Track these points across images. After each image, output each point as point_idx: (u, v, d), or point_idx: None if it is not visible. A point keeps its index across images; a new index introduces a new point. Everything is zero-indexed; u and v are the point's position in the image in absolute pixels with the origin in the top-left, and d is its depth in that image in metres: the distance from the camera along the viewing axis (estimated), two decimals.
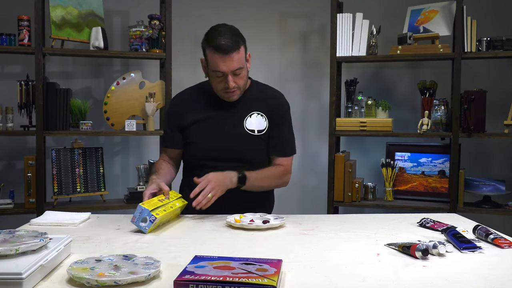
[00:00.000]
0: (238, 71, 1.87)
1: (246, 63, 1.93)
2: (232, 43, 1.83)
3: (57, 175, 3.00)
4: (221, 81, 1.89)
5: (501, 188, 3.09)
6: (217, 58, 1.84)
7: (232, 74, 1.86)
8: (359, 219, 1.90)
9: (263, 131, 1.99)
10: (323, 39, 3.59)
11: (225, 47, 1.82)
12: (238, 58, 1.85)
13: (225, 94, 1.92)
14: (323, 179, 3.36)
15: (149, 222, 1.61)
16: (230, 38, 1.84)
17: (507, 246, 1.46)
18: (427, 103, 3.14)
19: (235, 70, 1.86)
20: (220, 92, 1.92)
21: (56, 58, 3.33)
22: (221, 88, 1.90)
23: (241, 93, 1.96)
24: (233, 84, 1.87)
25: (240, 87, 1.92)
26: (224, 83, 1.88)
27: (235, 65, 1.85)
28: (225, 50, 1.82)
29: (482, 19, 3.09)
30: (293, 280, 1.16)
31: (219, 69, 1.85)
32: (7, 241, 1.19)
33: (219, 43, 1.82)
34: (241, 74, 1.89)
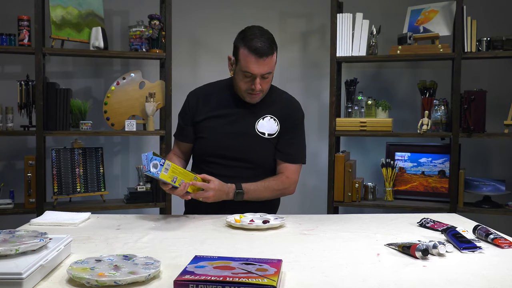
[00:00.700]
0: (267, 75, 1.89)
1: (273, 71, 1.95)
2: (268, 47, 1.85)
3: (57, 175, 3.00)
4: (248, 82, 1.89)
5: (501, 188, 3.09)
6: (251, 59, 1.84)
7: (260, 77, 1.87)
8: (359, 219, 1.90)
9: (273, 135, 1.99)
10: (323, 39, 3.59)
11: (261, 50, 1.83)
12: (270, 63, 1.87)
13: (247, 95, 1.93)
14: (323, 179, 3.36)
15: (159, 166, 1.60)
16: (267, 41, 1.85)
17: (507, 246, 1.46)
18: (427, 103, 3.14)
19: (265, 74, 1.87)
20: (244, 92, 1.93)
21: (56, 58, 3.33)
22: (246, 89, 1.91)
23: (263, 96, 1.97)
24: (259, 87, 1.88)
25: (264, 90, 1.93)
26: (251, 84, 1.89)
27: (266, 69, 1.87)
28: (261, 53, 1.83)
29: (482, 19, 3.09)
30: (293, 280, 1.16)
31: (250, 71, 1.85)
32: (7, 241, 1.19)
33: (256, 45, 1.83)
34: (269, 78, 1.92)
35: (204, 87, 2.12)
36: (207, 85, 2.13)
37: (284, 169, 2.01)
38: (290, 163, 2.01)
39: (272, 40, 1.90)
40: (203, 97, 2.04)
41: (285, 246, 1.47)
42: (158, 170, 1.60)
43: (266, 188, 1.95)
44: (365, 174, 3.49)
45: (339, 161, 3.19)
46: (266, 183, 1.95)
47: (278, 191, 1.99)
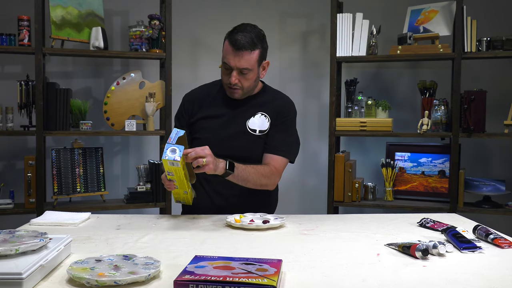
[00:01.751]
0: (245, 71, 1.88)
1: (258, 68, 1.93)
2: (247, 43, 1.85)
3: (57, 175, 3.00)
4: (227, 75, 1.91)
5: (501, 188, 3.09)
6: (229, 50, 1.87)
7: (238, 71, 1.88)
8: (359, 219, 1.90)
9: (264, 132, 1.99)
10: (323, 39, 3.59)
11: (239, 43, 1.84)
12: (248, 59, 1.86)
13: (227, 89, 1.95)
14: (323, 179, 3.36)
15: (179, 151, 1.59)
16: (249, 37, 1.86)
17: (507, 246, 1.46)
18: (427, 103, 3.14)
19: (242, 69, 1.87)
20: (225, 86, 1.96)
21: (56, 58, 3.33)
22: (226, 82, 1.93)
23: (244, 95, 1.96)
24: (235, 80, 1.89)
25: (243, 88, 1.92)
26: (229, 77, 1.90)
27: (242, 64, 1.86)
28: (238, 46, 1.84)
29: (482, 19, 3.09)
30: (293, 280, 1.16)
31: (227, 61, 1.88)
32: (7, 241, 1.19)
33: (236, 38, 1.85)
34: (248, 76, 1.90)
35: (198, 88, 2.13)
36: (202, 86, 2.14)
37: (270, 159, 1.96)
38: (276, 155, 1.97)
39: (258, 38, 1.89)
40: (198, 98, 2.05)
41: (285, 246, 1.47)
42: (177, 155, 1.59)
43: (255, 171, 1.89)
44: (365, 174, 3.49)
45: (339, 161, 3.19)
46: (255, 167, 1.91)
47: (265, 177, 1.92)
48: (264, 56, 1.95)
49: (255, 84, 1.98)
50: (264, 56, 1.95)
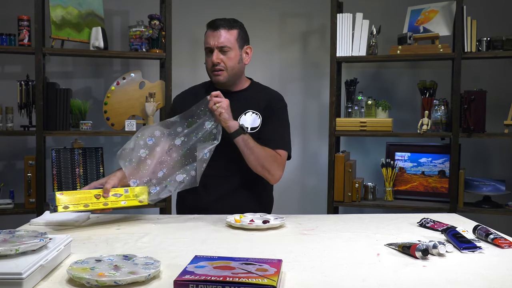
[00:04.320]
0: (226, 49, 1.93)
1: (240, 50, 1.98)
2: (224, 23, 1.94)
3: (57, 175, 3.00)
4: (209, 58, 1.95)
5: (501, 188, 3.09)
6: (208, 33, 1.96)
7: (218, 50, 1.93)
8: (359, 219, 1.90)
9: (256, 129, 1.99)
10: (323, 39, 3.59)
11: (216, 23, 1.94)
12: (227, 37, 1.94)
13: (212, 74, 1.98)
14: (323, 179, 3.36)
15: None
16: (226, 20, 1.96)
17: (507, 246, 1.46)
18: (427, 103, 3.14)
19: (222, 46, 1.93)
20: (210, 72, 1.99)
21: (56, 58, 3.33)
22: (209, 67, 1.97)
23: (229, 78, 1.98)
24: (216, 59, 1.93)
25: (227, 68, 1.96)
26: (211, 60, 1.94)
27: (221, 41, 1.93)
28: (216, 26, 1.93)
29: (482, 19, 3.09)
30: (293, 280, 1.16)
31: (206, 43, 1.94)
32: (7, 241, 1.19)
33: (212, 21, 1.96)
34: (229, 54, 1.95)
35: (188, 90, 2.15)
36: (192, 88, 2.16)
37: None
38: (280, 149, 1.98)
39: (235, 21, 1.99)
40: (188, 99, 2.05)
41: (285, 246, 1.47)
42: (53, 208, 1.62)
43: (265, 149, 1.91)
44: (365, 174, 3.49)
45: (339, 161, 3.19)
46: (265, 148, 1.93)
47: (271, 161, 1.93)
48: (244, 39, 2.02)
49: (239, 67, 2.00)
50: (245, 40, 2.02)
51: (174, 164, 1.84)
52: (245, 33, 2.02)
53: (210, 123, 1.86)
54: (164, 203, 3.11)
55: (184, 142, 1.86)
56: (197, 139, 1.85)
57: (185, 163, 1.85)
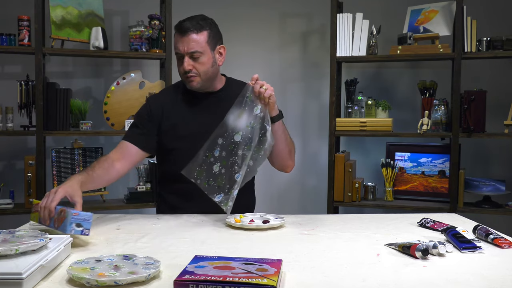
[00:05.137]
0: (197, 54, 1.79)
1: (212, 52, 1.84)
2: (192, 25, 1.79)
3: (57, 175, 3.00)
4: (181, 64, 1.82)
5: (501, 188, 3.09)
6: (177, 38, 1.82)
7: (189, 56, 1.79)
8: (359, 219, 1.90)
9: None
10: (323, 39, 3.59)
11: (185, 27, 1.79)
12: (196, 40, 1.79)
13: (185, 80, 1.85)
14: (323, 179, 3.36)
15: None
16: (194, 20, 1.81)
17: (507, 246, 1.46)
18: (427, 103, 3.14)
19: (192, 52, 1.79)
20: (183, 77, 1.86)
21: (56, 58, 3.33)
22: (181, 73, 1.84)
23: (204, 83, 1.86)
24: (187, 66, 1.79)
25: (199, 73, 1.82)
26: (183, 67, 1.81)
27: (191, 46, 1.78)
28: (183, 30, 1.79)
29: (482, 19, 3.09)
30: (293, 280, 1.16)
31: (176, 50, 1.81)
32: (7, 241, 1.19)
33: (180, 24, 1.81)
34: (200, 59, 1.80)
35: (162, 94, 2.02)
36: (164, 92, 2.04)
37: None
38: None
39: (205, 21, 1.84)
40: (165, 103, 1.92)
41: (285, 246, 1.46)
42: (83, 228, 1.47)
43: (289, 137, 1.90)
44: (365, 174, 3.49)
45: (339, 161, 3.19)
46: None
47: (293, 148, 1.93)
48: (216, 39, 1.86)
49: (213, 70, 1.86)
50: (217, 39, 1.86)
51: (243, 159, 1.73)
52: (216, 32, 1.87)
53: (257, 108, 1.74)
54: None
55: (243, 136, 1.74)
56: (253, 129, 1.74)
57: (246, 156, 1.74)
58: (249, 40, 3.51)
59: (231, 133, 1.76)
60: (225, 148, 1.75)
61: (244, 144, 1.74)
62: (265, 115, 1.77)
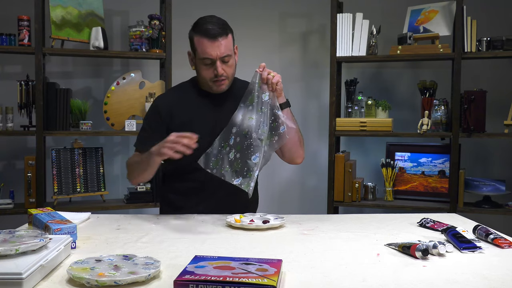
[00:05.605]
0: (227, 58, 1.83)
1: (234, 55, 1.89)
2: (220, 29, 1.81)
3: (57, 175, 3.00)
4: (209, 69, 1.84)
5: (501, 188, 3.09)
6: (206, 43, 1.80)
7: (220, 60, 1.82)
8: (359, 219, 1.90)
9: None
10: (323, 39, 3.59)
11: (214, 31, 1.80)
12: (226, 45, 1.82)
13: (213, 84, 1.86)
14: (323, 179, 3.36)
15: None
16: (217, 24, 1.82)
17: (507, 246, 1.46)
18: (427, 103, 3.14)
19: (224, 56, 1.82)
20: (209, 82, 1.86)
21: (56, 58, 3.33)
22: (210, 78, 1.85)
23: (229, 84, 1.90)
24: (221, 71, 1.82)
25: (228, 76, 1.87)
26: (213, 71, 1.83)
27: (223, 51, 1.81)
28: (214, 35, 1.79)
29: (482, 19, 3.09)
30: (293, 280, 1.16)
31: (208, 55, 1.81)
32: (7, 241, 1.19)
33: (206, 28, 1.81)
34: (230, 62, 1.85)
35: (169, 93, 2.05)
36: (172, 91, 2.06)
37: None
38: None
39: (225, 23, 1.87)
40: (174, 105, 1.93)
41: (285, 246, 1.47)
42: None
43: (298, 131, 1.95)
44: (365, 174, 3.49)
45: (339, 161, 3.19)
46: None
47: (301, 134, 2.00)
48: (234, 39, 1.90)
49: (235, 70, 1.92)
50: (234, 39, 1.91)
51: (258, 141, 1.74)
52: (232, 32, 1.89)
53: (265, 94, 1.76)
54: None
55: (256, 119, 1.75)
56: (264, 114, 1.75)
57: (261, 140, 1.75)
58: (249, 40, 3.51)
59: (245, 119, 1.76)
60: (239, 134, 1.75)
61: (257, 128, 1.74)
62: (274, 103, 1.77)
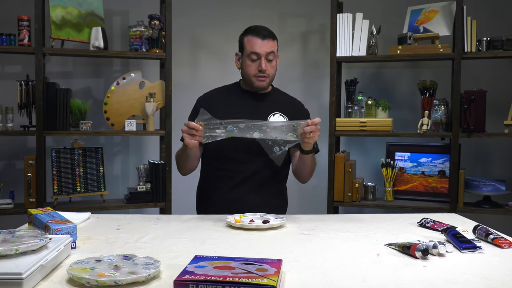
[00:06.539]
0: (271, 56, 2.05)
1: (276, 58, 2.10)
2: (269, 33, 2.07)
3: (57, 175, 3.00)
4: (254, 65, 2.04)
5: (501, 188, 3.09)
6: (255, 40, 2.03)
7: (265, 58, 2.03)
8: (359, 219, 1.90)
9: None
10: (323, 39, 3.59)
11: (264, 32, 2.06)
12: (272, 46, 2.05)
13: (255, 80, 2.05)
14: (323, 179, 3.36)
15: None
16: (267, 30, 2.08)
17: (507, 246, 1.46)
18: (427, 103, 3.14)
19: (268, 54, 2.04)
20: (252, 77, 2.06)
21: (56, 58, 3.33)
22: (254, 73, 2.05)
23: (269, 83, 2.10)
24: (265, 66, 2.02)
25: (269, 75, 2.07)
26: (257, 66, 2.03)
27: (269, 48, 2.04)
28: (263, 35, 2.04)
29: (482, 19, 3.09)
30: (293, 280, 1.16)
31: (255, 50, 2.02)
32: (7, 241, 1.19)
33: (258, 30, 2.07)
34: (272, 62, 2.07)
35: (212, 91, 2.21)
36: (215, 90, 2.22)
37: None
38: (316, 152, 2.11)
39: (272, 32, 2.10)
40: (214, 101, 2.13)
41: (285, 246, 1.47)
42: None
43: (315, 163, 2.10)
44: (365, 174, 3.49)
45: (339, 161, 3.19)
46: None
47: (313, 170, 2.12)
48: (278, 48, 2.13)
49: (275, 73, 2.13)
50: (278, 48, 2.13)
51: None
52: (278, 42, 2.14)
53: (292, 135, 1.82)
54: (164, 203, 3.11)
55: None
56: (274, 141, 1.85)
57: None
58: None
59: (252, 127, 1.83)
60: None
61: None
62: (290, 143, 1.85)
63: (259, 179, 2.05)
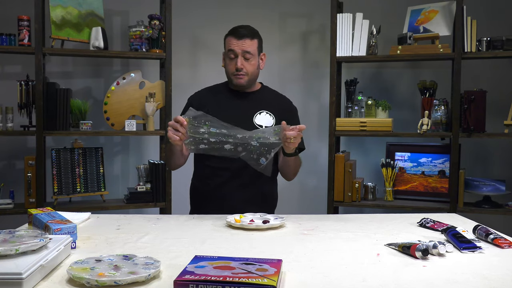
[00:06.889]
0: (248, 55, 2.07)
1: (258, 57, 2.12)
2: (247, 32, 2.09)
3: (57, 175, 3.00)
4: (232, 63, 2.09)
5: (501, 188, 3.09)
6: (232, 39, 2.09)
7: (242, 56, 2.07)
8: (359, 219, 1.90)
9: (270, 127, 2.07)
10: (323, 39, 3.59)
11: (240, 32, 2.09)
12: (249, 45, 2.07)
13: (234, 77, 2.10)
14: (323, 179, 3.36)
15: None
16: (247, 28, 2.11)
17: (507, 246, 1.46)
18: (427, 103, 3.14)
19: (245, 53, 2.06)
20: (231, 75, 2.11)
21: (56, 58, 3.33)
22: (232, 71, 2.09)
23: (249, 83, 2.12)
24: (240, 65, 2.06)
25: (248, 73, 2.09)
26: (235, 64, 2.07)
27: (245, 47, 2.06)
28: (239, 34, 2.08)
29: (482, 19, 3.09)
30: (293, 280, 1.16)
31: (232, 48, 2.07)
32: (7, 241, 1.19)
33: (235, 29, 2.11)
34: (251, 60, 2.09)
35: (203, 90, 2.26)
36: (206, 89, 2.26)
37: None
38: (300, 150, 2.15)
39: (254, 31, 2.12)
40: (203, 99, 2.17)
41: (285, 246, 1.47)
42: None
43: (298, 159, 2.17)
44: (365, 174, 3.49)
45: (339, 161, 3.19)
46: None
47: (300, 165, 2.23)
48: (261, 47, 2.16)
49: (257, 72, 2.15)
50: (261, 48, 2.16)
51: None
52: (261, 41, 2.17)
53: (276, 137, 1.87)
54: (164, 203, 3.11)
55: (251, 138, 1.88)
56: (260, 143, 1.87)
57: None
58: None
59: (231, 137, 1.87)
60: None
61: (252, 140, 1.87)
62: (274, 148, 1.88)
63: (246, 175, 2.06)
